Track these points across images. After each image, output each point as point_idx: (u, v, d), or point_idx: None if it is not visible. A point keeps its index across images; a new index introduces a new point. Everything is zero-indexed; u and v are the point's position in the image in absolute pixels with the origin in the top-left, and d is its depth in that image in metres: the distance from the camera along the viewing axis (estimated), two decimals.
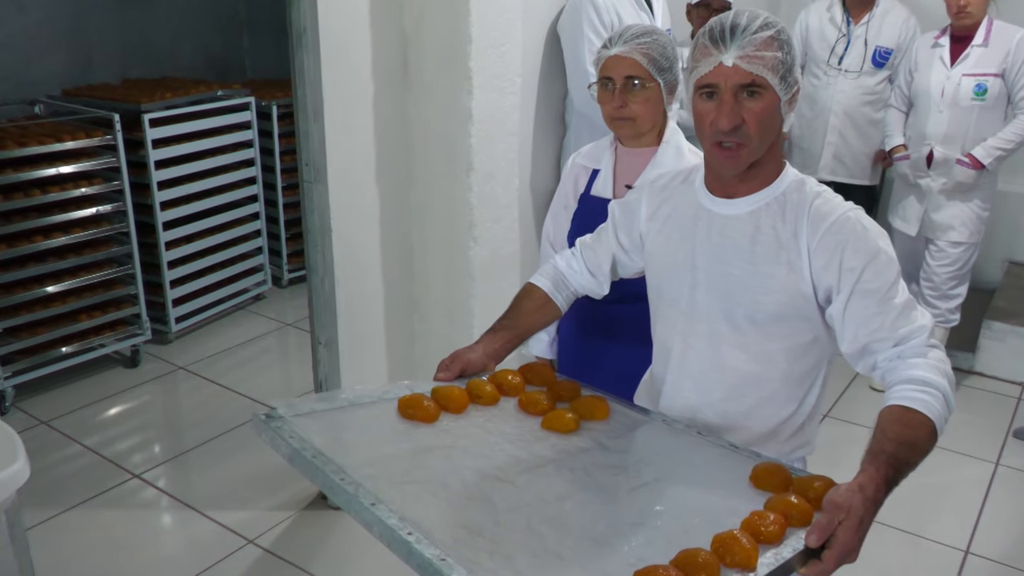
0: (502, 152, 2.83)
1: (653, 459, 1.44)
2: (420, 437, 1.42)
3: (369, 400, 1.52)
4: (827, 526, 1.12)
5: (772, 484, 1.29)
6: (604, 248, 1.75)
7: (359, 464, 1.28)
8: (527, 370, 1.66)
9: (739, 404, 1.55)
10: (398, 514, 1.15)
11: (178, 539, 2.96)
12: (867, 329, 1.40)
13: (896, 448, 1.24)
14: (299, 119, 2.66)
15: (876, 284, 1.40)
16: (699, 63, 1.41)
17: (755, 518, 1.16)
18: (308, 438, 1.34)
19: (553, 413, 1.52)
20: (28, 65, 4.45)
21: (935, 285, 3.67)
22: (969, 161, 3.46)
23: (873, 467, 1.21)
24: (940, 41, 3.54)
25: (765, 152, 1.45)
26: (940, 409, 1.30)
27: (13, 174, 3.54)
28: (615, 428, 1.52)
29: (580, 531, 1.20)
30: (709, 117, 1.41)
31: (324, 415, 1.45)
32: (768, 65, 1.37)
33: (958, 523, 3.01)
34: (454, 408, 1.50)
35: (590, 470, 1.37)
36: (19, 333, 3.68)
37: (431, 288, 2.98)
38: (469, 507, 1.23)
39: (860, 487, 1.17)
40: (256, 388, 3.89)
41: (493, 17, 2.65)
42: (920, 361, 1.36)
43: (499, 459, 1.37)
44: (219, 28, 5.53)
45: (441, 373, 1.60)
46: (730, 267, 1.49)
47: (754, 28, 1.38)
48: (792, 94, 1.42)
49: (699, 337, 1.55)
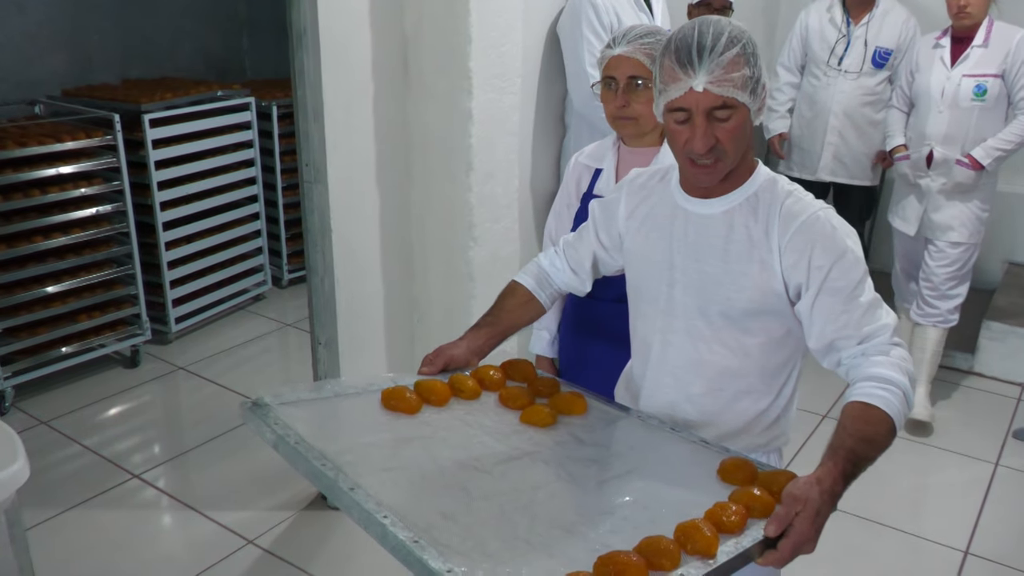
0: (502, 152, 2.83)
1: (626, 453, 1.49)
2: (401, 427, 1.47)
3: (354, 391, 1.57)
4: (785, 517, 1.17)
5: (738, 478, 1.34)
6: (585, 247, 1.77)
7: (340, 451, 1.33)
8: (508, 366, 1.70)
9: (717, 398, 1.58)
10: (375, 499, 1.20)
11: (178, 539, 2.96)
12: (833, 326, 1.43)
13: (855, 443, 1.28)
14: (299, 119, 2.66)
15: (843, 283, 1.42)
16: (668, 87, 1.41)
17: (718, 509, 1.21)
18: (292, 425, 1.39)
19: (532, 408, 1.56)
20: (28, 65, 4.45)
21: (934, 285, 3.67)
22: (969, 162, 3.46)
23: (832, 461, 1.25)
24: (941, 42, 3.54)
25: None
26: (899, 406, 1.34)
27: (13, 174, 3.54)
28: (591, 423, 1.57)
29: (550, 519, 1.24)
30: (683, 137, 1.43)
31: (309, 404, 1.50)
32: (738, 85, 1.38)
33: (958, 524, 3.00)
34: (436, 401, 1.55)
35: (564, 462, 1.41)
36: (19, 333, 3.68)
37: (431, 288, 2.98)
38: (444, 494, 1.28)
39: (818, 480, 1.21)
40: (256, 388, 3.82)
41: (493, 17, 2.66)
42: (882, 359, 1.39)
43: (477, 450, 1.42)
44: (219, 28, 5.53)
45: (425, 367, 1.65)
46: (705, 265, 1.52)
47: (721, 47, 1.37)
48: (761, 101, 1.44)
49: (677, 334, 1.58)
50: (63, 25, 4.59)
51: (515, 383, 1.66)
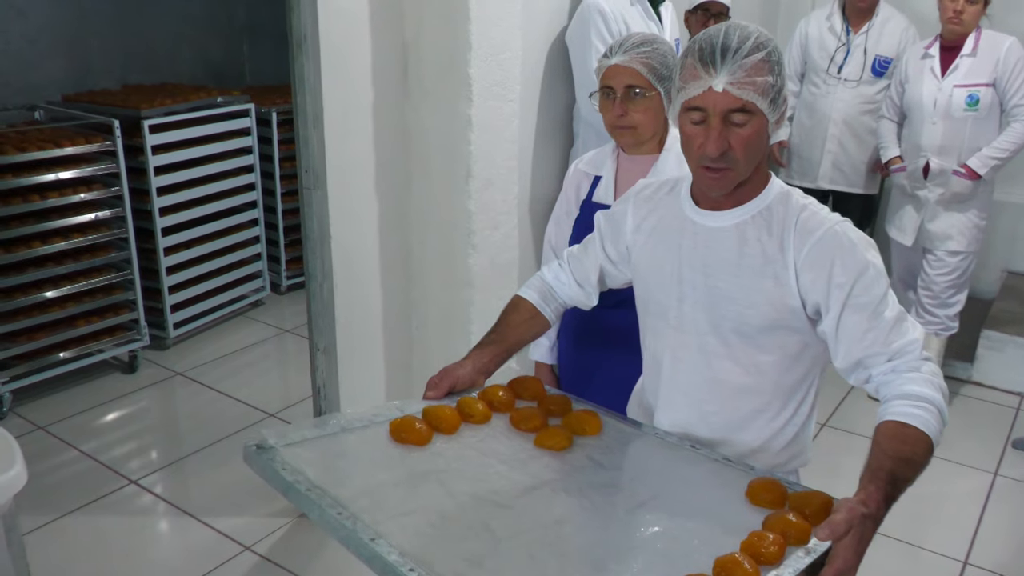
0: (501, 160, 2.83)
1: (648, 476, 1.44)
2: (414, 462, 1.41)
3: (360, 424, 1.50)
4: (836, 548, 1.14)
5: (768, 500, 1.30)
6: (591, 259, 1.74)
7: (355, 495, 1.27)
8: (516, 384, 1.65)
9: (732, 417, 1.54)
10: (398, 549, 1.15)
11: (175, 545, 2.95)
12: (860, 345, 1.39)
13: (894, 465, 1.24)
14: (299, 125, 2.66)
15: (866, 298, 1.39)
16: (687, 84, 1.38)
17: (754, 539, 1.17)
18: (301, 469, 1.32)
19: (546, 431, 1.51)
20: (29, 71, 4.45)
21: (934, 294, 3.67)
22: (965, 172, 3.46)
23: (873, 485, 1.21)
24: (930, 51, 3.54)
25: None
26: (936, 424, 1.31)
27: (13, 179, 3.54)
28: (608, 443, 1.52)
29: (580, 557, 1.20)
30: (697, 140, 1.40)
31: (315, 443, 1.44)
32: (759, 90, 1.35)
33: (956, 534, 3.00)
34: (446, 429, 1.49)
35: (586, 491, 1.36)
36: (17, 338, 3.68)
37: (429, 295, 2.98)
38: (468, 536, 1.22)
39: (862, 503, 1.17)
40: (254, 394, 3.89)
41: (493, 25, 2.66)
42: (914, 375, 1.36)
43: (494, 482, 1.36)
44: (219, 34, 5.54)
45: (430, 391, 1.59)
46: (717, 280, 1.48)
47: (745, 50, 1.35)
48: (780, 114, 1.40)
49: (688, 350, 1.54)
50: (64, 31, 4.59)
51: (525, 402, 1.62)
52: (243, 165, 4.56)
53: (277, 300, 5.01)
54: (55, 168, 3.69)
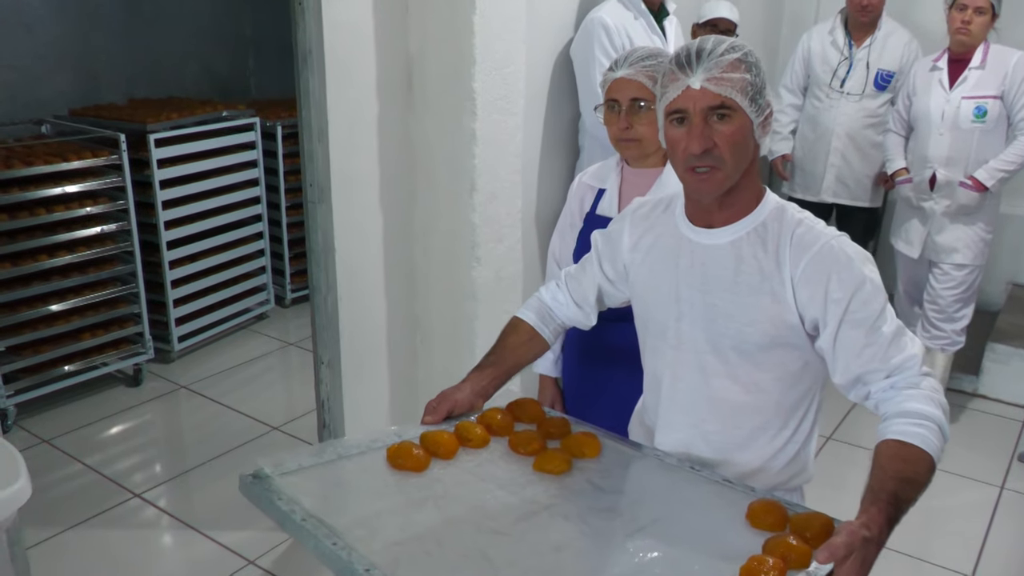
0: (505, 173, 2.84)
1: (647, 499, 1.42)
2: (411, 489, 1.40)
3: (357, 451, 1.49)
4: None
5: (769, 522, 1.29)
6: (589, 279, 1.73)
7: (351, 525, 1.27)
8: (515, 407, 1.65)
9: (733, 436, 1.53)
10: None
11: (179, 559, 2.95)
12: (858, 361, 1.38)
13: (896, 486, 1.24)
14: (304, 139, 2.67)
15: (864, 313, 1.38)
16: (667, 89, 1.41)
17: (754, 563, 1.16)
18: (297, 498, 1.32)
19: (544, 454, 1.50)
20: (36, 85, 4.48)
21: (940, 308, 3.67)
22: (972, 183, 3.46)
23: (875, 507, 1.20)
24: (938, 64, 3.56)
25: (742, 178, 1.43)
26: (936, 442, 1.30)
27: (19, 193, 3.56)
28: (607, 466, 1.50)
29: None
30: (681, 143, 1.40)
31: (312, 471, 1.43)
32: (736, 87, 1.36)
33: (963, 547, 2.98)
34: (443, 454, 1.48)
35: (585, 515, 1.35)
36: (22, 351, 3.69)
37: (433, 308, 2.98)
38: (465, 566, 1.21)
39: (864, 526, 1.16)
40: (258, 408, 3.88)
41: (497, 39, 2.67)
42: (914, 392, 1.34)
43: (492, 507, 1.35)
44: (225, 49, 5.57)
45: (428, 416, 1.58)
46: (714, 298, 1.47)
47: (720, 51, 1.38)
48: (764, 117, 1.41)
49: (688, 368, 1.53)
50: (70, 46, 4.62)
51: (524, 425, 1.61)
52: (248, 179, 4.57)
53: (281, 313, 5.02)
54: (61, 182, 3.71)
